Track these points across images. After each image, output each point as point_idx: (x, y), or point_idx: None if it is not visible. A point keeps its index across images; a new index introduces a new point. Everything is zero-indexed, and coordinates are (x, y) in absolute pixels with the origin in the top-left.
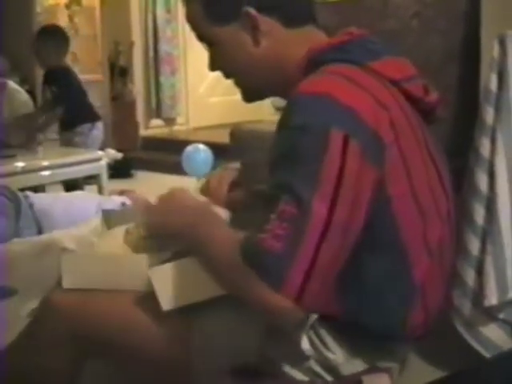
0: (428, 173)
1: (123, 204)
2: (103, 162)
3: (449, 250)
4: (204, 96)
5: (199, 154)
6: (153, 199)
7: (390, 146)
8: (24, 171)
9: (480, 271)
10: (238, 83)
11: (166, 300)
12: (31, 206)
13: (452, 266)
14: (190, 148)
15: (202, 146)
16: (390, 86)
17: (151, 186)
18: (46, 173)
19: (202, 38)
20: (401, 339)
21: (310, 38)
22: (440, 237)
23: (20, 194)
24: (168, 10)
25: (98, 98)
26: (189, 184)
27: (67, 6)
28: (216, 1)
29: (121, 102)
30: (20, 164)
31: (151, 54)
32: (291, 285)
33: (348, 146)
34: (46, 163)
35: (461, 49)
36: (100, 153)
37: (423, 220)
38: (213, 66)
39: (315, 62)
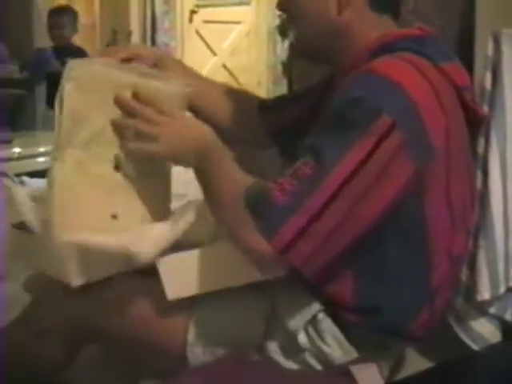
0: (464, 185)
1: None
2: None
3: (464, 260)
4: None
5: None
6: None
7: (438, 150)
8: (20, 157)
9: (472, 266)
10: (299, 36)
11: (172, 289)
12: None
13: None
14: None
15: None
16: (453, 91)
17: None
18: (43, 159)
19: None
20: (401, 337)
21: (385, 25)
22: (462, 248)
23: (16, 180)
24: (166, 1)
25: None
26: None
27: None
28: None
29: None
30: (17, 150)
31: (148, 44)
32: (281, 238)
33: (390, 134)
34: (42, 149)
35: (455, 46)
36: None
37: (452, 229)
38: (285, 9)
39: (387, 48)
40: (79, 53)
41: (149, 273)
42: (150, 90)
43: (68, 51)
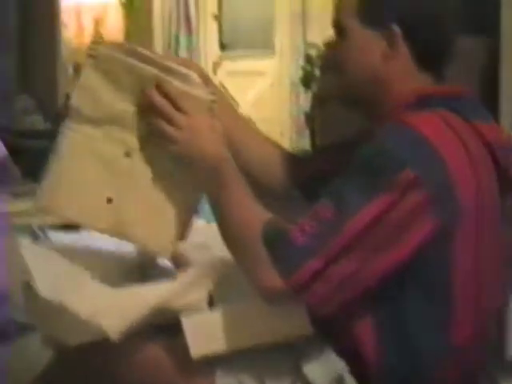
0: (495, 242)
1: None
2: None
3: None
4: None
5: None
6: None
7: (466, 207)
8: None
9: (502, 324)
10: (342, 82)
11: (196, 347)
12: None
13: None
14: None
15: None
16: (484, 148)
17: None
18: None
19: (338, 25)
20: None
21: (425, 80)
22: (492, 305)
23: (40, 233)
24: (190, 54)
25: None
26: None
27: None
28: (374, 4)
29: None
30: None
31: None
32: (297, 278)
33: (414, 189)
34: None
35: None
36: None
37: (480, 285)
38: (332, 56)
39: (423, 102)
40: None
41: (171, 328)
42: (172, 87)
43: None
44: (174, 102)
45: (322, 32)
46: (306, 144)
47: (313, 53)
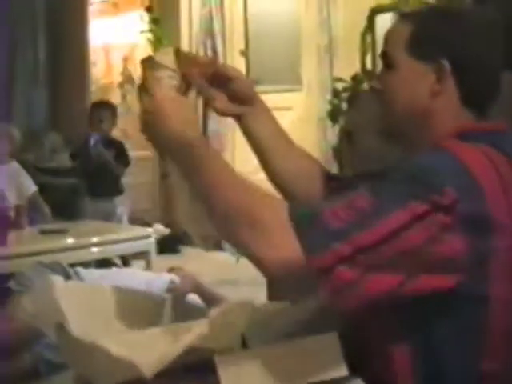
0: None
1: (172, 282)
2: (152, 239)
3: None
4: (251, 173)
5: None
6: (200, 276)
7: (502, 226)
8: (74, 247)
9: None
10: (388, 114)
11: None
12: (81, 281)
13: None
14: None
15: None
16: None
17: (199, 262)
18: (96, 249)
19: (387, 57)
20: None
21: (467, 117)
22: None
23: (70, 270)
24: None
25: (147, 174)
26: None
27: (120, 85)
28: (425, 38)
29: (170, 179)
30: (70, 240)
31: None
32: (325, 259)
33: (449, 209)
34: (95, 239)
35: None
36: (149, 229)
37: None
38: (381, 87)
39: (464, 137)
40: (117, 144)
41: (202, 369)
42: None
43: (106, 142)
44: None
45: (348, 66)
46: None
47: (339, 87)
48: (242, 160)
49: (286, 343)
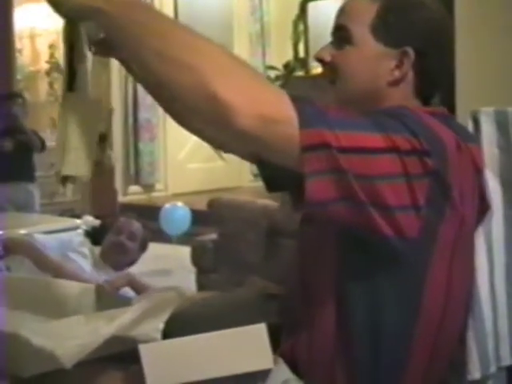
0: (467, 264)
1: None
2: (80, 231)
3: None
4: (183, 162)
5: (177, 211)
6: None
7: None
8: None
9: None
10: (340, 86)
11: (154, 378)
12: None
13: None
14: (168, 206)
15: (180, 204)
16: (474, 171)
17: None
18: None
19: (345, 31)
20: None
21: (416, 105)
22: (456, 327)
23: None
24: None
25: None
26: (167, 250)
27: (47, 73)
28: (393, 22)
29: (99, 169)
30: None
31: (130, 120)
32: (312, 135)
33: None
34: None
35: None
36: (78, 221)
37: (446, 306)
38: (332, 64)
39: None
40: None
41: (127, 358)
42: None
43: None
44: None
45: (280, 54)
46: None
47: (272, 75)
48: (173, 148)
49: (211, 333)
